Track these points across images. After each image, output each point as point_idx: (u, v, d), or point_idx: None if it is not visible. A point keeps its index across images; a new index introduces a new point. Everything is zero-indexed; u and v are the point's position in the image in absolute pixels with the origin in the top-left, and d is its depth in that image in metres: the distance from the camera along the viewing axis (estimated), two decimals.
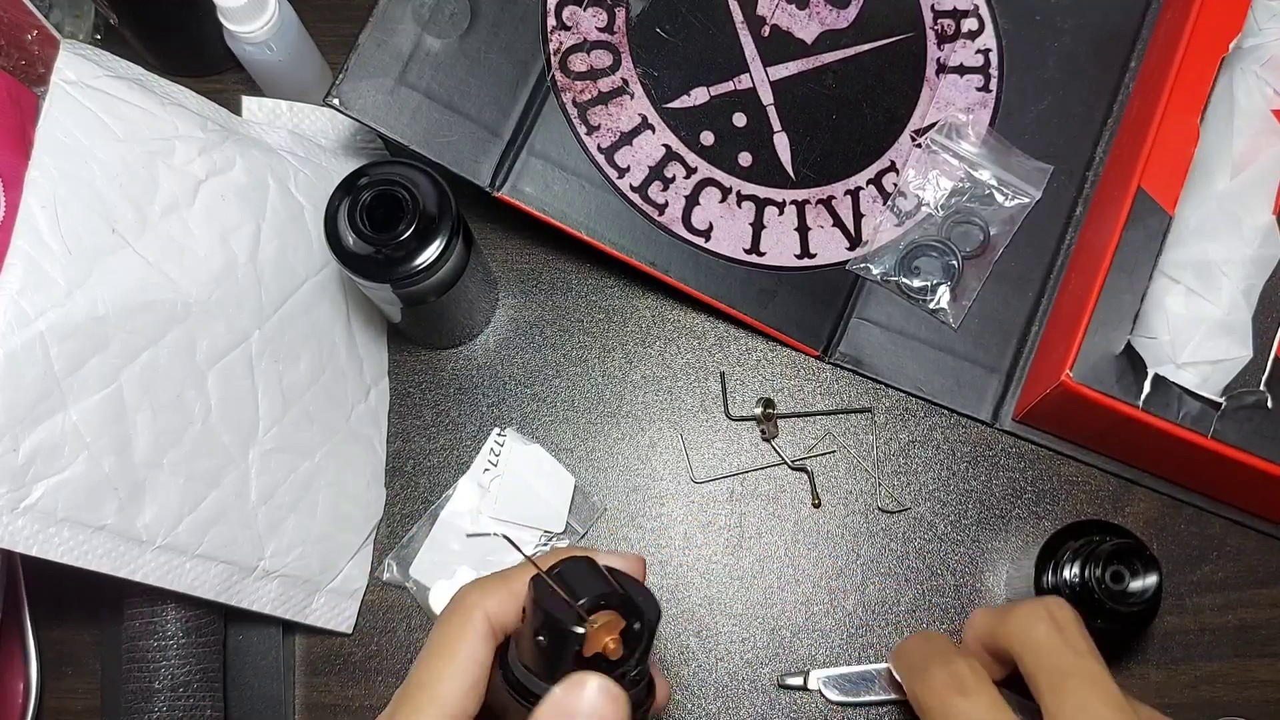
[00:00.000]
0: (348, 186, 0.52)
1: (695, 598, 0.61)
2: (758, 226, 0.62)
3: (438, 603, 0.59)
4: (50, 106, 0.46)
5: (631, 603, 0.36)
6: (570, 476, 0.62)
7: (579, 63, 0.60)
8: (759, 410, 0.62)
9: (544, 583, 0.35)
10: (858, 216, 0.63)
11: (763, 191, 0.62)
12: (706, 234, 0.61)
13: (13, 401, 0.43)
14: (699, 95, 0.62)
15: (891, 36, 0.65)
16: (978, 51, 0.65)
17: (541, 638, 0.35)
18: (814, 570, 0.61)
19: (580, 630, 0.34)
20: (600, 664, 0.35)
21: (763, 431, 0.62)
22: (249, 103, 0.60)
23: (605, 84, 0.60)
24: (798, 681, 0.58)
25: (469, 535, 0.61)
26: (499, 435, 0.62)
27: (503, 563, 0.61)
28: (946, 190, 0.63)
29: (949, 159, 0.64)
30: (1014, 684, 0.43)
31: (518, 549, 0.38)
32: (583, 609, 0.34)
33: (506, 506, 0.61)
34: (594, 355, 0.64)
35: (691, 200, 0.61)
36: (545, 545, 0.61)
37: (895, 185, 0.64)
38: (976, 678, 0.42)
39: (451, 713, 0.36)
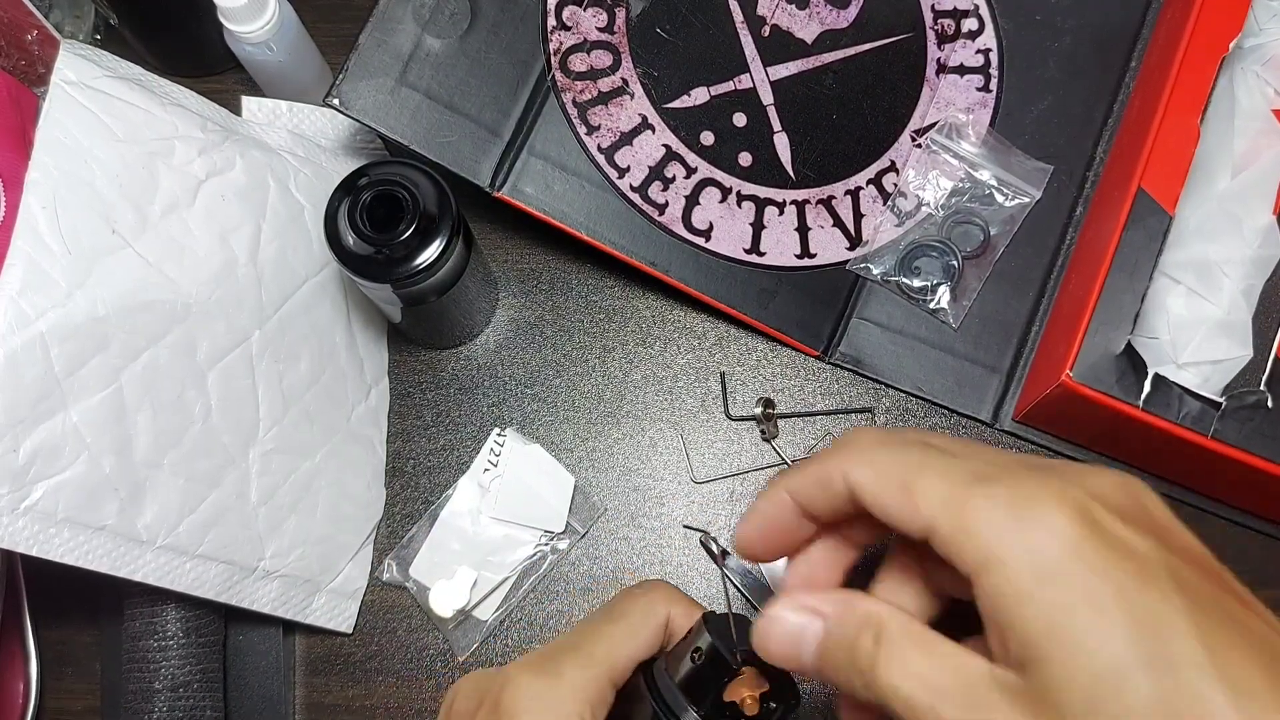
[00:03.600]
0: (348, 186, 0.52)
1: (695, 598, 0.61)
2: (758, 226, 0.62)
3: (438, 603, 0.59)
4: (50, 106, 0.46)
5: (783, 679, 0.38)
6: (570, 476, 0.62)
7: (579, 63, 0.60)
8: (759, 410, 0.62)
9: (723, 619, 0.39)
10: (858, 216, 0.63)
11: (763, 191, 0.62)
12: (706, 234, 0.61)
13: (13, 402, 0.43)
14: (699, 95, 0.62)
15: (891, 36, 0.65)
16: (978, 51, 0.65)
17: (698, 658, 0.38)
18: None
19: (735, 667, 0.37)
20: (734, 713, 0.37)
21: (763, 431, 0.62)
22: (249, 103, 0.60)
23: (605, 84, 0.60)
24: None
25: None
26: (499, 435, 0.62)
27: (504, 563, 0.61)
28: (946, 190, 0.63)
29: (949, 159, 0.64)
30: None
31: (721, 567, 0.46)
32: (742, 654, 0.37)
33: (506, 506, 0.61)
34: (594, 355, 0.64)
35: (691, 200, 0.61)
36: (545, 545, 0.61)
37: (895, 185, 0.64)
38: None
39: (615, 679, 0.39)
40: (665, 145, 0.61)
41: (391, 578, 0.61)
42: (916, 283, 0.62)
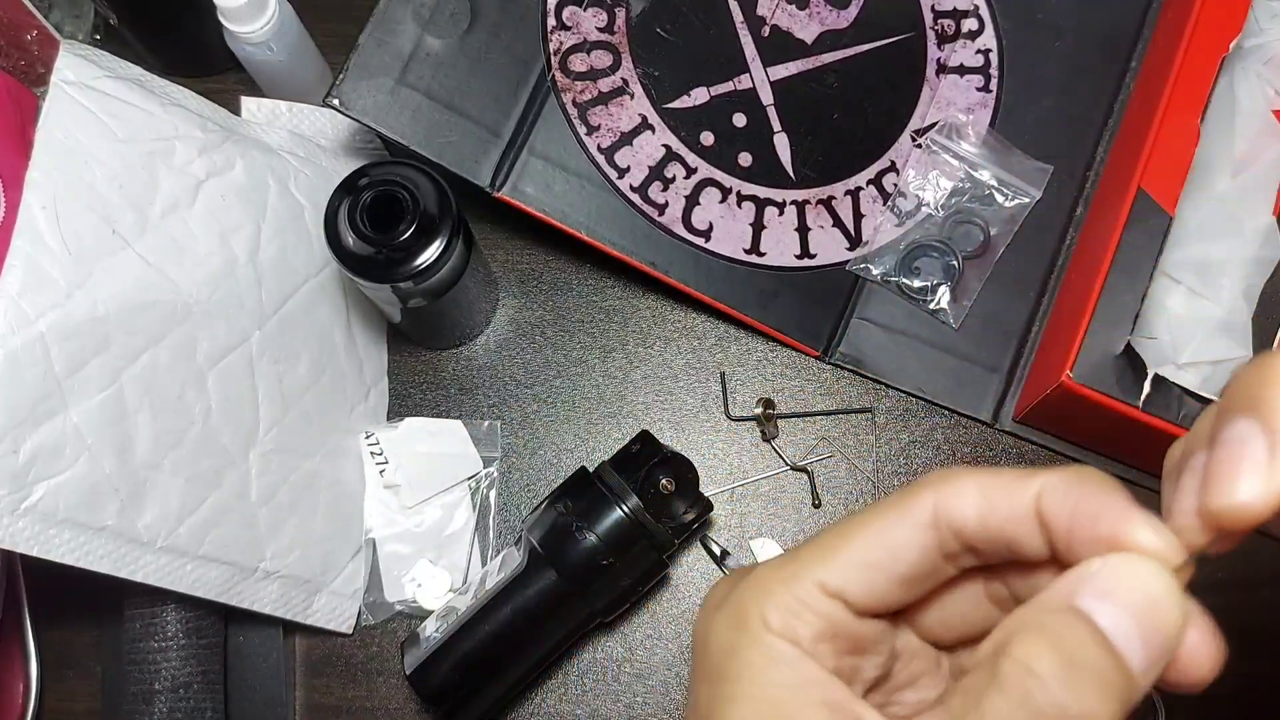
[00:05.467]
0: (348, 187, 0.52)
1: (696, 598, 0.61)
2: (758, 227, 0.62)
3: (427, 601, 0.59)
4: (50, 107, 0.46)
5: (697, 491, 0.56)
6: (455, 421, 0.62)
7: (579, 63, 0.60)
8: (759, 411, 0.62)
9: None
10: (858, 217, 0.63)
11: (763, 192, 0.62)
12: (706, 234, 0.61)
13: (13, 402, 0.43)
14: (699, 95, 0.62)
15: (891, 36, 0.65)
16: (978, 52, 0.65)
17: (634, 446, 0.55)
18: None
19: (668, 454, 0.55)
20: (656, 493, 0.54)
21: (763, 432, 0.62)
22: (248, 103, 0.60)
23: (605, 84, 0.60)
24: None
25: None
26: (368, 439, 0.61)
27: (459, 529, 0.60)
28: (946, 190, 0.63)
29: (949, 159, 0.64)
30: None
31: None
32: (671, 452, 0.56)
33: (420, 486, 0.60)
34: (595, 356, 0.64)
35: (691, 200, 0.61)
36: (482, 485, 0.61)
37: (895, 185, 0.64)
38: None
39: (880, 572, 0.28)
40: (665, 145, 0.61)
41: (375, 619, 0.60)
42: (917, 283, 0.62)
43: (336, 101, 0.55)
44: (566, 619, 0.54)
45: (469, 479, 0.61)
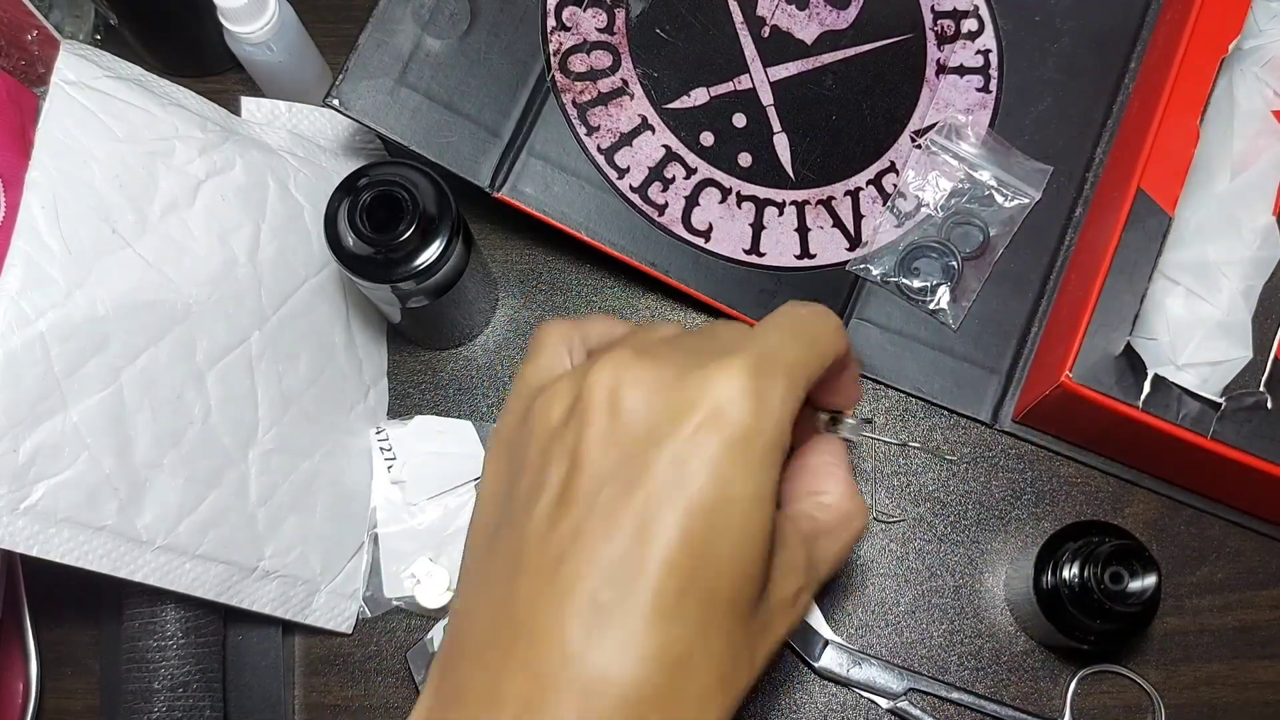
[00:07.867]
0: (347, 187, 0.52)
1: None
2: (757, 227, 0.62)
3: (426, 599, 0.59)
4: (50, 107, 0.46)
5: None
6: (466, 421, 0.62)
7: (579, 63, 0.60)
8: None
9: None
10: (857, 217, 0.63)
11: (762, 192, 0.62)
12: (706, 234, 0.61)
13: (13, 402, 0.43)
14: (699, 96, 0.62)
15: (891, 37, 0.65)
16: (978, 52, 0.65)
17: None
18: None
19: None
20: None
21: None
22: (248, 103, 0.60)
23: (605, 85, 0.60)
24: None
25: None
26: (378, 433, 0.61)
27: (462, 527, 0.61)
28: (946, 191, 0.63)
29: (949, 160, 0.64)
30: None
31: None
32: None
33: (426, 484, 0.60)
34: None
35: (691, 201, 0.61)
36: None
37: (895, 186, 0.64)
38: None
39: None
40: (665, 146, 0.61)
41: (371, 614, 0.60)
42: (916, 283, 0.62)
43: (336, 101, 0.55)
44: None
45: (474, 480, 0.61)
